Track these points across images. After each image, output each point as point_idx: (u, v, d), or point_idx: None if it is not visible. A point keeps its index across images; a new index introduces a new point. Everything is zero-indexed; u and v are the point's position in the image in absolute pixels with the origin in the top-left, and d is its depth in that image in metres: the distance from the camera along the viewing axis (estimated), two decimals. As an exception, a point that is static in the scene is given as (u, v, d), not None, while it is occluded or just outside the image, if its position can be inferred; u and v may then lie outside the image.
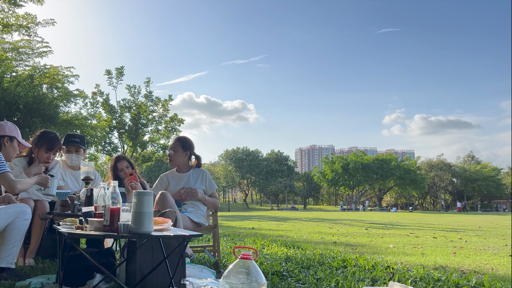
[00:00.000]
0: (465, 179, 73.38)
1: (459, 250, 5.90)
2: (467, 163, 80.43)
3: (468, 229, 11.99)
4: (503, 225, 14.57)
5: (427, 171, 72.89)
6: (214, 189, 3.79)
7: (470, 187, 72.88)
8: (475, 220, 20.73)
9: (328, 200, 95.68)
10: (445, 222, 17.11)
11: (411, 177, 66.38)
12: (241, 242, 6.25)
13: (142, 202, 2.02)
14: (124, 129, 29.91)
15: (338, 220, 17.81)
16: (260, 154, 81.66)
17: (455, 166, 76.96)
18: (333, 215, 29.23)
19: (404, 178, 66.59)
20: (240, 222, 14.98)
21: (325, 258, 4.09)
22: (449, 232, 10.61)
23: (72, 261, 2.51)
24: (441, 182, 73.21)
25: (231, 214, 28.58)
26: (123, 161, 4.13)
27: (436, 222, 17.06)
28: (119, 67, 29.22)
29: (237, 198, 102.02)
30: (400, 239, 7.79)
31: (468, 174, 73.66)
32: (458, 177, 74.61)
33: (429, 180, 70.85)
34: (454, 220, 19.66)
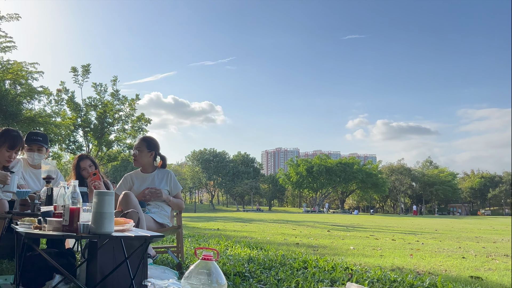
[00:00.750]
0: (424, 183, 76.06)
1: (416, 252, 6.13)
2: (426, 168, 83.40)
3: (425, 232, 12.45)
4: (458, 228, 15.22)
5: (388, 175, 74.98)
6: (179, 190, 3.77)
7: (428, 191, 75.58)
8: (432, 223, 21.54)
9: (292, 202, 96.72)
10: (404, 225, 17.69)
11: (372, 180, 68.12)
12: (205, 243, 6.25)
13: (102, 202, 2.00)
14: (89, 128, 29.19)
15: (301, 222, 18.05)
16: (227, 156, 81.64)
17: (415, 171, 79.60)
18: (297, 217, 29.59)
19: (366, 181, 68.26)
20: (206, 223, 14.92)
21: (287, 259, 4.16)
22: (407, 234, 10.98)
23: (31, 262, 2.45)
24: (401, 186, 75.52)
25: (197, 215, 28.40)
26: (86, 160, 4.05)
27: (395, 225, 17.60)
28: (85, 65, 28.51)
29: (203, 199, 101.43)
30: (361, 241, 8.00)
31: (426, 179, 76.39)
32: (417, 181, 77.22)
33: (390, 183, 72.92)
34: (413, 223, 20.35)
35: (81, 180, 3.94)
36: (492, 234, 12.02)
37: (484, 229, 14.85)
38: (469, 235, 10.99)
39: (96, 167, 4.06)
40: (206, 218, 20.53)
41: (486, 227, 17.20)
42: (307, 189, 72.54)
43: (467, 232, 12.54)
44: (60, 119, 26.94)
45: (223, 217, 24.83)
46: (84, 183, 3.88)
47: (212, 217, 24.38)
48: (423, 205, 78.21)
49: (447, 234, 11.37)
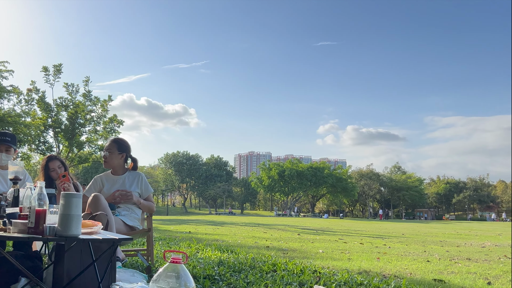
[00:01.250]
0: (392, 188, 77.87)
1: (383, 256, 6.28)
2: (394, 173, 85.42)
3: (392, 236, 12.75)
4: (423, 233, 15.65)
5: (358, 180, 76.36)
6: (150, 192, 3.75)
7: (396, 196, 77.41)
8: (400, 227, 22.08)
9: (264, 205, 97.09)
10: (372, 229, 18.06)
11: (342, 185, 69.23)
12: (176, 246, 6.20)
13: (70, 204, 1.98)
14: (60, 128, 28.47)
15: (272, 225, 18.15)
16: (200, 159, 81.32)
17: (383, 176, 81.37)
18: (268, 220, 29.72)
19: (336, 186, 69.33)
20: (178, 226, 14.79)
21: (257, 262, 4.19)
22: (375, 238, 11.22)
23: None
24: (370, 191, 77.05)
25: (169, 218, 28.10)
26: (55, 161, 3.98)
27: (364, 229, 17.95)
28: (57, 64, 27.81)
29: (176, 202, 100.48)
30: (330, 245, 8.13)
31: (394, 184, 78.25)
32: (386, 186, 78.98)
33: (359, 188, 74.32)
34: (381, 227, 20.80)
35: (50, 181, 3.86)
36: (456, 238, 12.43)
37: (448, 234, 15.33)
38: (434, 239, 11.33)
39: (65, 168, 3.98)
40: (178, 221, 20.35)
41: (450, 231, 17.77)
42: (278, 192, 73.01)
43: (432, 236, 12.92)
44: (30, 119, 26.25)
45: (195, 220, 24.67)
46: (53, 185, 3.80)
47: (184, 220, 24.19)
48: (391, 210, 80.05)
49: (413, 238, 11.68)
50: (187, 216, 39.79)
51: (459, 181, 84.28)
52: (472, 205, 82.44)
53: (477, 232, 17.23)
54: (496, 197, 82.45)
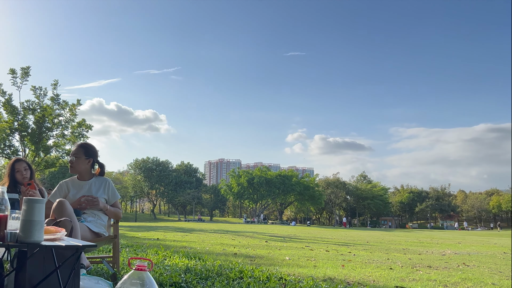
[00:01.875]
0: (358, 196, 79.36)
1: (347, 263, 6.40)
2: (360, 182, 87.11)
3: (357, 244, 12.99)
4: (387, 241, 16.03)
5: (324, 188, 77.39)
6: (117, 198, 3.70)
7: (361, 204, 78.91)
8: (365, 235, 22.51)
9: (233, 212, 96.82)
10: (338, 237, 18.33)
11: (309, 193, 70.02)
12: (143, 253, 6.11)
13: (32, 209, 1.94)
14: (26, 132, 27.56)
15: (241, 232, 18.13)
16: (170, 165, 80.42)
17: (349, 185, 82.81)
18: (237, 227, 29.66)
19: (304, 194, 70.05)
20: (146, 232, 14.54)
21: (224, 269, 4.20)
22: (340, 246, 11.40)
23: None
24: (336, 199, 78.22)
25: (138, 225, 27.56)
26: (22, 162, 3.90)
27: (330, 236, 18.20)
28: (24, 67, 27.01)
29: (144, 208, 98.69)
30: (296, 252, 8.21)
31: (360, 192, 79.80)
32: (352, 195, 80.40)
33: (326, 196, 75.34)
34: (346, 235, 21.14)
35: (15, 183, 3.78)
36: (418, 246, 12.80)
37: (411, 242, 15.76)
38: (397, 247, 11.62)
39: (31, 172, 3.91)
40: (146, 228, 20.01)
41: (412, 239, 18.27)
42: (247, 200, 73.02)
43: (396, 244, 13.25)
44: (-4, 122, 25.42)
45: (164, 226, 24.33)
46: (17, 186, 3.73)
47: (153, 226, 23.80)
48: (356, 218, 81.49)
49: (377, 246, 11.94)
50: (156, 223, 39.16)
51: (422, 190, 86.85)
52: (434, 214, 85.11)
53: (438, 240, 17.80)
54: (457, 207, 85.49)
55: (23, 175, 3.90)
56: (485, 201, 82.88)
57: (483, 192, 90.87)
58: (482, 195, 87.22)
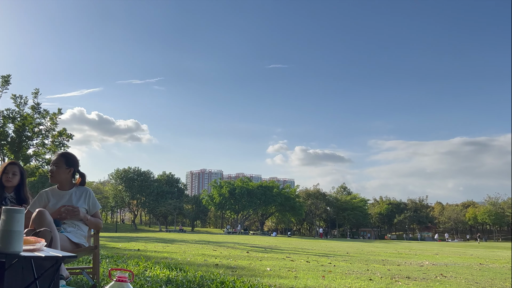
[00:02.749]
0: (338, 208, 79.95)
1: (328, 274, 6.44)
2: (340, 194, 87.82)
3: (337, 254, 13.06)
4: (367, 252, 16.16)
5: (305, 199, 77.73)
6: (98, 209, 3.66)
7: (341, 215, 79.47)
8: (344, 246, 22.64)
9: (215, 223, 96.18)
10: (318, 248, 18.40)
11: (290, 204, 70.23)
12: (123, 264, 6.03)
13: (11, 219, 1.92)
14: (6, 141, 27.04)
15: (222, 243, 18.01)
16: (151, 175, 79.69)
17: (329, 196, 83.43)
18: (219, 238, 29.45)
19: (285, 204, 70.21)
20: (127, 243, 14.31)
21: (205, 280, 4.18)
22: (321, 256, 11.45)
23: None
24: (316, 210, 78.61)
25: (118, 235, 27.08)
26: (13, 166, 3.83)
27: (310, 247, 18.25)
28: (5, 75, 26.61)
29: (125, 219, 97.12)
30: (277, 263, 8.21)
31: (340, 204, 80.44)
32: (332, 206, 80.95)
33: (306, 207, 75.65)
34: (326, 246, 21.23)
35: (2, 187, 3.72)
36: (397, 257, 12.95)
37: (390, 253, 15.93)
38: (377, 258, 11.74)
39: (22, 177, 3.86)
40: (127, 238, 19.68)
41: (391, 250, 18.47)
42: (229, 210, 72.75)
43: (375, 255, 13.38)
44: (-26, 131, 24.87)
45: (145, 237, 23.98)
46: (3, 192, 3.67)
47: (133, 237, 23.44)
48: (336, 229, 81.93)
49: (357, 257, 12.03)
50: (136, 233, 38.57)
51: (400, 202, 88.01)
52: (412, 225, 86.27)
53: (416, 252, 18.04)
54: (434, 218, 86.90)
55: (8, 178, 3.81)
56: (461, 213, 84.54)
57: (459, 204, 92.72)
58: (459, 207, 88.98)
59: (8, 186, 3.83)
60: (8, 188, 3.83)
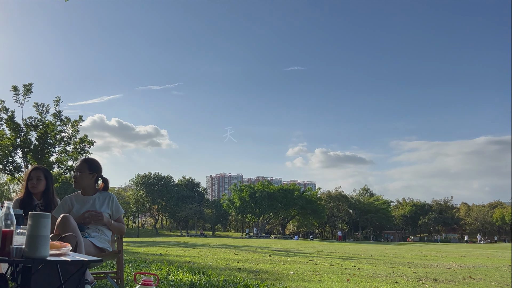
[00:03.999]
0: (360, 210, 78.93)
1: (352, 277, 6.33)
2: (362, 196, 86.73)
3: (361, 257, 12.87)
4: (391, 254, 15.88)
5: (327, 202, 77.04)
6: (121, 213, 3.68)
7: (364, 218, 78.41)
8: (368, 249, 22.32)
9: (235, 227, 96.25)
10: (341, 251, 18.18)
11: (312, 207, 69.65)
12: (147, 268, 6.06)
13: (38, 224, 1.93)
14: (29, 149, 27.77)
15: (244, 247, 17.99)
16: (171, 180, 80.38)
17: (352, 198, 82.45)
18: (240, 241, 29.46)
19: (306, 208, 69.67)
20: (149, 248, 14.46)
21: (228, 284, 4.16)
22: (344, 260, 11.30)
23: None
24: (338, 213, 77.81)
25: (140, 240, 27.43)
26: (37, 171, 3.80)
27: (333, 250, 18.05)
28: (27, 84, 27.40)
29: (146, 224, 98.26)
30: (300, 266, 8.13)
31: (362, 206, 79.40)
32: (354, 208, 79.99)
33: (328, 210, 74.95)
34: (350, 249, 20.96)
35: (30, 194, 3.72)
36: (422, 259, 12.68)
37: (415, 255, 15.62)
38: (402, 261, 11.51)
39: (47, 182, 3.82)
40: (149, 243, 19.90)
41: (416, 253, 18.11)
42: (250, 214, 72.66)
43: (400, 258, 13.13)
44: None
45: (166, 241, 24.20)
46: (33, 199, 3.69)
47: (155, 242, 23.69)
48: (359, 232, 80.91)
49: (381, 260, 11.83)
50: (158, 238, 38.95)
51: (424, 203, 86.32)
52: (437, 227, 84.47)
53: (442, 254, 17.64)
54: (460, 219, 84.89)
55: (34, 185, 3.75)
56: (488, 214, 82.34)
57: (486, 204, 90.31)
58: (485, 208, 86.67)
59: (35, 192, 3.79)
60: (35, 194, 3.79)
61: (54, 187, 3.91)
